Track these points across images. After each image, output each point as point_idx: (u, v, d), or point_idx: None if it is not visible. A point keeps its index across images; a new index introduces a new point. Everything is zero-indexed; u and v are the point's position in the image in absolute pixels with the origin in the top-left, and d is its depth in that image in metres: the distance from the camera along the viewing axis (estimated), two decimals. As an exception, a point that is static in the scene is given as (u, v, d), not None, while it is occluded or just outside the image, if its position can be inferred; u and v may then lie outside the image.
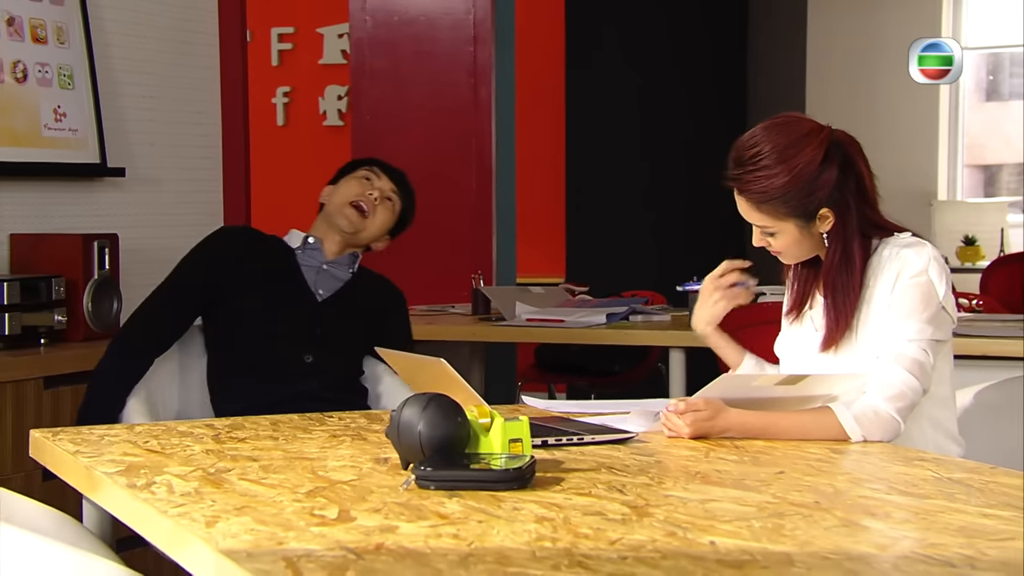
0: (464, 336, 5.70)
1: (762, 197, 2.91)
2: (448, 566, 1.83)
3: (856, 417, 2.79)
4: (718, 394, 2.82)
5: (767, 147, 2.90)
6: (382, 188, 4.08)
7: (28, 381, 4.27)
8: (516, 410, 3.28)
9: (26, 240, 4.81)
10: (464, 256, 6.98)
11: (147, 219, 5.35)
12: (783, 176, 2.88)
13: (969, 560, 1.85)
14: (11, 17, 4.81)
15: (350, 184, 4.07)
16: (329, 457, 2.65)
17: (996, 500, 2.24)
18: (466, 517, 2.10)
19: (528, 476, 2.36)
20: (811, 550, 1.90)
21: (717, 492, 2.31)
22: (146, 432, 2.98)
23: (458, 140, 7.28)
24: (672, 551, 1.90)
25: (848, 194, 2.93)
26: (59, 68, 4.96)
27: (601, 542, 1.95)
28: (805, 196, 2.90)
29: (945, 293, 2.88)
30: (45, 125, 4.89)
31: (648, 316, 5.73)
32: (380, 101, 7.41)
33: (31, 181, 4.91)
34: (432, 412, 2.44)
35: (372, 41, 7.44)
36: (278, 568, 1.82)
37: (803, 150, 2.89)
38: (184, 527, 2.06)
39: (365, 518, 2.11)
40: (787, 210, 2.91)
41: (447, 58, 7.32)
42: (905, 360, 2.84)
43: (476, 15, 7.25)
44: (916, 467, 2.53)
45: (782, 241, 2.97)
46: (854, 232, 2.94)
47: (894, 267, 2.90)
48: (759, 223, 2.97)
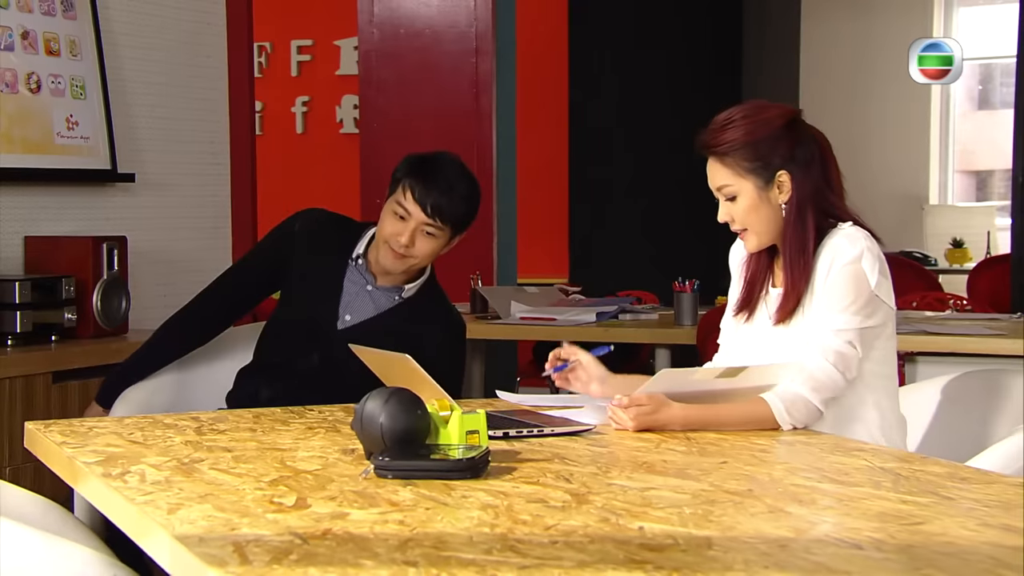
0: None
1: (728, 148, 2.96)
2: (386, 550, 1.85)
3: (786, 407, 2.85)
4: (660, 388, 2.84)
5: (738, 113, 3.00)
6: (415, 227, 3.54)
7: (37, 376, 4.31)
8: (488, 404, 3.30)
9: (40, 242, 4.85)
10: (466, 257, 6.97)
11: (155, 222, 5.38)
12: (747, 127, 2.96)
13: (877, 543, 1.87)
14: (26, 31, 4.85)
15: (387, 216, 3.57)
16: (300, 448, 2.67)
17: (919, 488, 2.25)
18: (415, 504, 2.12)
19: (481, 466, 2.38)
20: (732, 535, 1.92)
21: (658, 481, 2.32)
22: (133, 424, 3.00)
23: (460, 147, 7.23)
24: (601, 536, 1.92)
25: (811, 168, 2.97)
26: (72, 79, 5.00)
27: (537, 527, 1.97)
28: (766, 150, 2.95)
29: (878, 282, 2.89)
30: (58, 133, 4.93)
31: (636, 315, 5.77)
32: (387, 109, 7.44)
33: (45, 186, 4.95)
34: (393, 405, 2.47)
35: (379, 53, 7.47)
36: (226, 552, 1.84)
37: (770, 111, 3.00)
38: (147, 514, 2.08)
39: (320, 505, 2.13)
40: (748, 165, 2.96)
41: (450, 69, 7.35)
42: (830, 353, 2.88)
43: (478, 28, 7.28)
44: (853, 457, 2.55)
45: (742, 204, 2.98)
46: (809, 205, 2.95)
47: (828, 256, 2.92)
48: (722, 182, 3.00)
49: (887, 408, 2.98)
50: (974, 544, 1.85)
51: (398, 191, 3.55)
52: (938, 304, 6.80)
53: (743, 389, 2.88)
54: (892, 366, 3.01)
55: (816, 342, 2.89)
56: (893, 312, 2.97)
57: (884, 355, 2.98)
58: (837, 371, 2.86)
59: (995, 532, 1.91)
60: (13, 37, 4.81)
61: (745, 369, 2.89)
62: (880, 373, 2.97)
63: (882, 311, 2.92)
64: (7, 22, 4.78)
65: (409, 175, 3.55)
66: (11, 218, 4.84)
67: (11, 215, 4.84)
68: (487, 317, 5.87)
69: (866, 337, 2.90)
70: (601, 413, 2.93)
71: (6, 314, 4.49)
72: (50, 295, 4.61)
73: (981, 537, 1.88)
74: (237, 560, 1.80)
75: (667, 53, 9.35)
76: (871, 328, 2.90)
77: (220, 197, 5.75)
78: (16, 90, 4.80)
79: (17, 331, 4.49)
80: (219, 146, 5.75)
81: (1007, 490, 2.21)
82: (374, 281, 3.67)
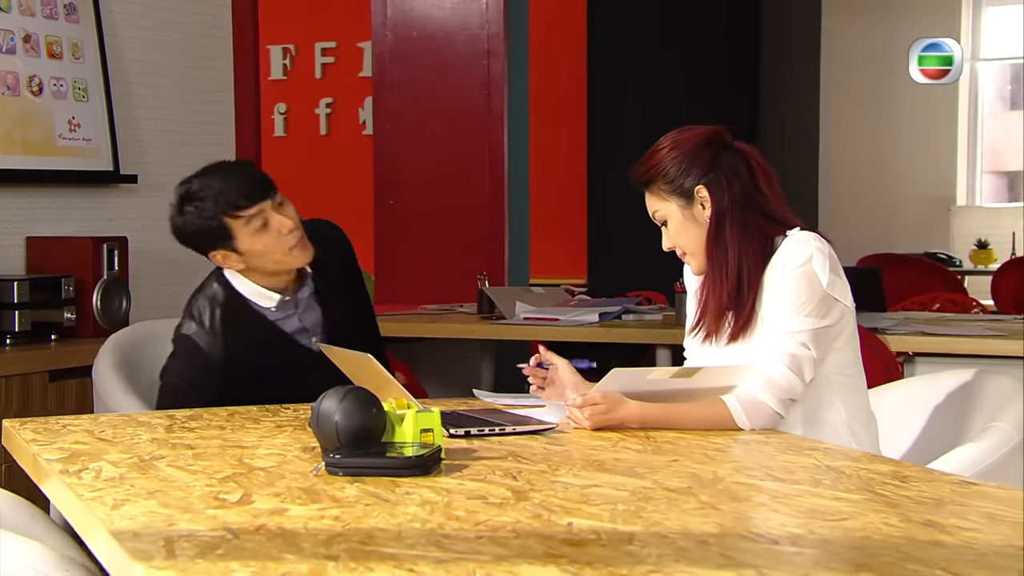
0: (464, 334, 5.77)
1: (650, 176, 3.03)
2: (312, 545, 1.88)
3: (744, 409, 2.87)
4: (613, 387, 2.87)
5: (664, 140, 3.05)
6: (273, 213, 3.42)
7: (34, 375, 4.37)
8: (463, 403, 3.34)
9: (41, 243, 4.91)
10: (477, 258, 7.03)
11: (159, 223, 5.41)
12: (667, 152, 3.02)
13: (795, 538, 1.89)
14: (28, 34, 4.92)
15: (252, 240, 3.41)
16: (262, 446, 2.71)
17: (857, 485, 2.27)
18: (356, 501, 2.16)
19: (431, 463, 2.41)
20: (656, 530, 1.94)
21: (604, 478, 2.35)
22: (107, 422, 3.04)
23: (472, 148, 7.34)
24: (528, 531, 1.95)
25: (731, 178, 2.99)
26: (74, 82, 5.06)
27: (468, 523, 2.00)
28: (684, 170, 2.99)
29: (830, 282, 2.90)
30: (60, 135, 5.00)
31: (640, 315, 5.78)
32: (400, 111, 7.49)
33: (47, 187, 5.02)
34: (348, 403, 2.51)
35: (392, 55, 7.51)
36: (155, 547, 1.88)
37: (688, 132, 3.05)
38: (91, 510, 2.12)
39: (263, 501, 2.16)
40: (668, 187, 3.01)
41: (462, 70, 7.39)
42: (785, 356, 2.89)
43: (490, 30, 7.31)
44: (804, 456, 2.57)
45: (672, 228, 3.03)
46: (733, 215, 2.97)
47: (780, 263, 2.94)
48: (652, 208, 3.06)
49: (854, 407, 2.99)
50: (889, 539, 1.87)
51: (233, 227, 3.38)
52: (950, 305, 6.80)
53: (702, 390, 2.90)
54: (855, 365, 3.02)
55: (771, 346, 2.91)
56: (851, 310, 2.98)
57: (845, 355, 2.99)
58: (792, 373, 2.88)
59: (915, 527, 1.93)
60: (15, 40, 4.87)
61: (701, 370, 2.92)
62: (843, 372, 2.98)
63: (837, 310, 2.93)
64: (8, 25, 4.85)
65: (220, 208, 3.37)
66: (13, 219, 4.91)
67: (13, 216, 4.91)
68: (492, 317, 5.89)
69: (822, 337, 2.91)
70: (562, 412, 2.97)
71: (5, 313, 4.56)
72: (49, 295, 4.68)
73: (898, 532, 1.90)
74: (163, 554, 1.84)
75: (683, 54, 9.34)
76: (827, 328, 2.92)
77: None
78: (18, 92, 4.86)
79: (16, 330, 4.56)
80: (225, 148, 5.80)
81: (943, 488, 2.23)
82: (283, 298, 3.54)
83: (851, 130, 12.00)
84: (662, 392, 2.90)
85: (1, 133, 4.80)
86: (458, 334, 5.78)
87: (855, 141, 12.12)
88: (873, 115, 12.30)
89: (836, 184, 11.46)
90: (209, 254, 3.46)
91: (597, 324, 5.58)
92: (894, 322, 5.33)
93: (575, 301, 6.11)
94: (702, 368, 2.94)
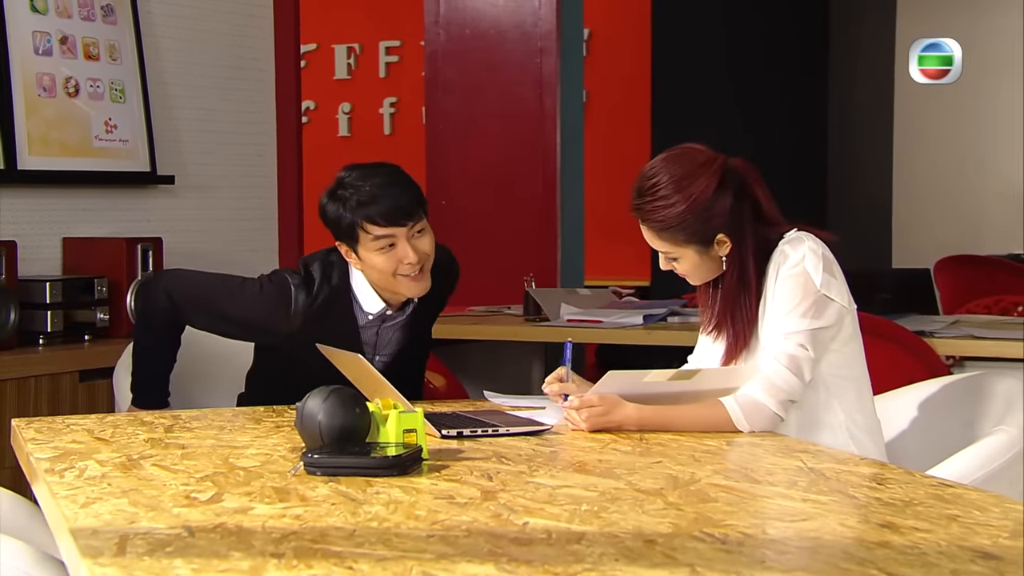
0: (506, 335, 5.79)
1: (662, 225, 3.01)
2: (263, 542, 1.92)
3: (743, 411, 2.87)
4: (610, 390, 2.88)
5: (664, 177, 3.00)
6: (406, 240, 3.44)
7: (63, 375, 4.46)
8: (471, 404, 3.38)
9: (77, 244, 5.01)
10: (528, 259, 7.04)
11: (196, 224, 5.52)
12: (680, 205, 2.97)
13: (745, 538, 1.91)
14: (64, 36, 5.01)
15: (374, 259, 3.44)
16: (252, 446, 2.75)
17: (831, 487, 2.28)
18: (324, 500, 2.19)
19: (409, 464, 2.44)
20: (609, 530, 1.96)
21: (578, 479, 2.37)
22: (111, 422, 3.11)
23: (524, 148, 7.37)
24: (481, 530, 1.98)
25: (744, 220, 3.01)
26: (111, 83, 5.15)
27: (424, 523, 2.03)
28: (701, 224, 2.98)
29: (824, 282, 2.90)
30: (96, 136, 5.08)
31: (686, 318, 5.76)
32: (452, 110, 7.53)
33: (83, 189, 5.10)
34: (332, 403, 2.55)
35: (445, 53, 7.56)
36: (108, 544, 1.92)
37: (698, 179, 2.98)
38: (60, 507, 2.17)
39: (232, 500, 2.21)
40: (685, 237, 3.00)
41: (515, 69, 7.41)
42: (783, 357, 2.90)
43: (542, 28, 7.34)
44: (792, 458, 2.57)
45: (685, 266, 3.06)
46: (749, 254, 3.00)
47: (775, 264, 2.95)
48: (662, 249, 3.06)
49: (853, 409, 2.98)
50: (838, 540, 1.88)
51: (361, 235, 3.41)
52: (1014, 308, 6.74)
53: (700, 392, 2.92)
54: (857, 368, 3.01)
55: (771, 346, 2.92)
56: (850, 310, 2.98)
57: (845, 357, 2.98)
58: (791, 374, 2.88)
59: (869, 528, 1.94)
60: (52, 42, 4.96)
61: (699, 372, 2.94)
62: (843, 375, 2.98)
63: (833, 310, 2.93)
64: (45, 28, 4.94)
65: (358, 214, 3.40)
66: (49, 220, 5.00)
67: (49, 217, 5.00)
68: (537, 319, 5.92)
69: (819, 338, 2.92)
70: (560, 413, 2.99)
71: (37, 314, 4.64)
72: (83, 295, 4.77)
73: (851, 533, 1.92)
74: (113, 552, 1.88)
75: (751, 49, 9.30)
76: (823, 328, 2.92)
77: (266, 199, 5.87)
78: (54, 94, 4.95)
79: (48, 330, 4.64)
80: (265, 148, 5.87)
81: (918, 490, 2.23)
82: (385, 311, 3.56)
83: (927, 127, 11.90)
84: (660, 395, 2.92)
85: (38, 135, 4.89)
86: (501, 336, 5.80)
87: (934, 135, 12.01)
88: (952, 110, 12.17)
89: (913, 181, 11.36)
90: (336, 243, 3.51)
91: (640, 326, 5.58)
92: (943, 325, 5.30)
93: (622, 303, 6.11)
94: (700, 370, 2.95)
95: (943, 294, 8.46)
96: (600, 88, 9.94)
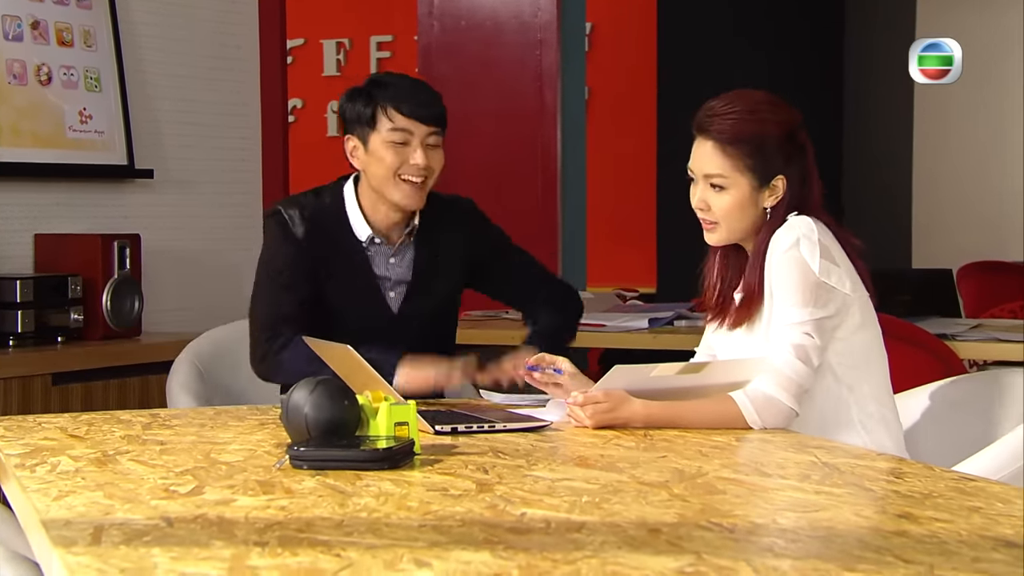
0: (503, 340, 5.78)
1: (732, 137, 3.00)
2: (246, 532, 1.92)
3: (755, 406, 2.87)
4: (616, 385, 2.88)
5: (742, 103, 3.04)
6: (420, 143, 3.54)
7: (35, 377, 4.45)
8: (467, 403, 3.38)
9: (49, 240, 5.00)
10: (527, 263, 7.03)
11: (176, 220, 5.52)
12: (756, 125, 3.00)
13: (754, 528, 1.91)
14: (36, 21, 5.02)
15: (383, 151, 3.52)
16: (235, 442, 2.75)
17: (846, 480, 2.28)
18: (310, 493, 2.19)
19: (399, 457, 2.44)
20: (611, 520, 1.96)
21: (579, 473, 2.37)
22: (85, 420, 3.10)
23: (523, 147, 7.36)
24: (476, 520, 1.98)
25: (802, 178, 3.03)
26: (86, 71, 5.15)
27: (416, 513, 2.03)
28: (771, 152, 3.00)
29: (823, 268, 2.90)
30: (70, 127, 5.09)
31: (693, 321, 5.77)
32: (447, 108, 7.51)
33: (56, 182, 5.11)
34: (318, 395, 2.55)
35: (439, 47, 7.56)
36: (83, 534, 1.92)
37: (778, 112, 3.04)
38: (31, 500, 2.17)
39: (213, 493, 2.21)
40: (750, 162, 3.00)
41: (513, 63, 7.41)
42: (789, 347, 2.90)
43: (541, 19, 7.33)
44: (805, 454, 2.57)
45: (728, 200, 3.02)
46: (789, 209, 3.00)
47: (770, 249, 2.95)
48: (715, 170, 3.02)
49: (868, 401, 2.98)
50: (852, 528, 1.89)
51: (380, 122, 3.52)
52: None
53: (710, 386, 2.91)
54: (871, 359, 3.00)
55: (776, 336, 2.93)
56: (855, 299, 2.96)
57: (853, 346, 2.97)
58: (800, 363, 2.88)
59: (886, 519, 1.95)
60: (22, 27, 4.97)
61: (708, 365, 2.94)
62: (853, 364, 2.97)
63: (836, 299, 2.92)
64: (15, 11, 4.95)
65: (384, 98, 3.53)
66: (20, 215, 5.00)
67: (21, 212, 5.00)
68: (535, 323, 5.92)
69: (823, 327, 2.92)
70: (563, 410, 2.99)
71: (7, 314, 4.64)
72: (55, 295, 4.76)
73: (866, 523, 1.92)
74: (88, 541, 1.88)
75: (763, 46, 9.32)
76: (827, 318, 2.92)
77: (250, 195, 5.87)
78: (25, 82, 4.96)
79: (18, 331, 4.64)
80: (249, 142, 5.87)
81: (938, 483, 2.23)
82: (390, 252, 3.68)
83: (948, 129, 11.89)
84: (667, 390, 2.92)
85: (8, 125, 4.90)
86: (498, 340, 5.80)
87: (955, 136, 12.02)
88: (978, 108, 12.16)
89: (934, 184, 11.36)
90: (346, 135, 3.61)
91: (646, 330, 5.59)
92: (965, 328, 5.30)
93: (626, 307, 6.12)
94: (708, 363, 2.95)
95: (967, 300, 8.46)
96: (603, 84, 9.94)
